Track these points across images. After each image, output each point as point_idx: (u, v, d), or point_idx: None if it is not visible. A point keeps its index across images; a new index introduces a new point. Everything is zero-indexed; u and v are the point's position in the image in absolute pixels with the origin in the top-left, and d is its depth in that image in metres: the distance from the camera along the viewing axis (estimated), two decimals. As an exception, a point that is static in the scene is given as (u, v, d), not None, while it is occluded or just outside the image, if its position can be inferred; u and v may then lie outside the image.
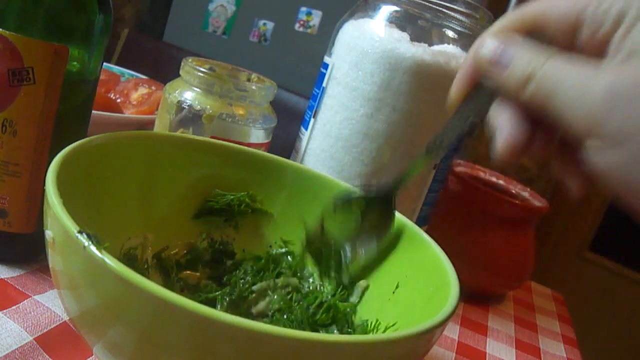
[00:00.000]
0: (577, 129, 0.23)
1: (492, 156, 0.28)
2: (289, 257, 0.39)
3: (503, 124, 0.27)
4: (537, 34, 0.27)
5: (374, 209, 0.35)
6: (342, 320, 0.34)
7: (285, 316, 0.35)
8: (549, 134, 0.28)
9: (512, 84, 0.25)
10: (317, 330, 0.34)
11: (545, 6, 0.26)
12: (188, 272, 0.37)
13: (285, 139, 0.61)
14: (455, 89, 0.30)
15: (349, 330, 0.34)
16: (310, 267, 0.38)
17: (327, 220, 0.36)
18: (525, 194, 0.61)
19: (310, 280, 0.38)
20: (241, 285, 0.36)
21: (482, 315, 0.54)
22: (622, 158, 0.22)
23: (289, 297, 0.36)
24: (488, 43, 0.27)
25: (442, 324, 0.24)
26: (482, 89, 0.28)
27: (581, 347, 0.54)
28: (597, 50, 0.24)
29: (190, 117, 0.45)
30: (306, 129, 0.49)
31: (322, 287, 0.37)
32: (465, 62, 0.29)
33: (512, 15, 0.28)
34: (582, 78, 0.23)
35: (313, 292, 0.37)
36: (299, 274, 0.38)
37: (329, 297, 0.36)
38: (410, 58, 0.43)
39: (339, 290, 0.36)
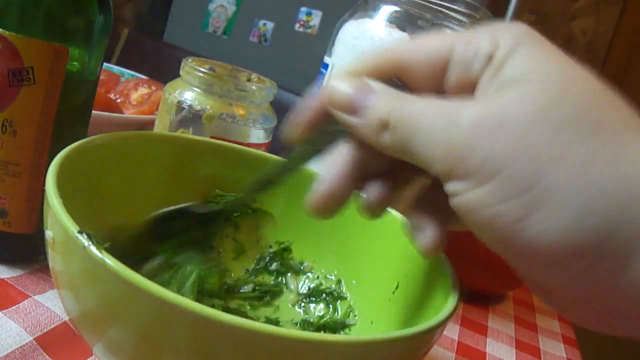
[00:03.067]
0: (438, 168, 0.21)
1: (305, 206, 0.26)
2: (289, 256, 0.39)
3: (327, 172, 0.25)
4: (395, 80, 0.25)
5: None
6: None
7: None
8: (395, 179, 0.26)
9: (369, 129, 0.23)
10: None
11: (405, 49, 0.24)
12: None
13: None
14: (297, 127, 0.27)
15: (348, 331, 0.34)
16: (309, 263, 0.38)
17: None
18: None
19: (310, 277, 0.38)
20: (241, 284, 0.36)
21: (482, 315, 0.54)
22: (488, 196, 0.19)
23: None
24: (342, 86, 0.24)
25: (442, 324, 0.24)
26: (327, 130, 0.26)
27: (581, 347, 0.54)
28: (464, 91, 0.23)
29: (191, 117, 0.45)
30: (306, 129, 0.49)
31: (323, 284, 0.37)
32: (311, 99, 0.26)
33: (371, 57, 0.25)
34: (445, 114, 0.21)
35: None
36: (299, 271, 0.38)
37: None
38: (410, 58, 0.43)
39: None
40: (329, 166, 0.25)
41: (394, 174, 0.27)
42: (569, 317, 0.22)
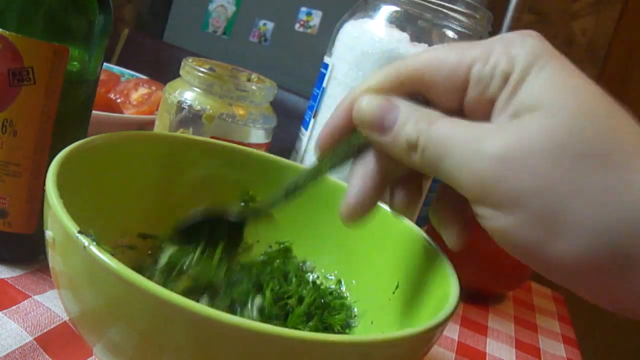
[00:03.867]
0: (468, 194, 0.23)
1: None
2: (290, 255, 0.39)
3: (354, 179, 0.27)
4: (418, 96, 0.26)
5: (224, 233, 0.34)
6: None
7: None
8: (414, 184, 0.28)
9: (398, 149, 0.25)
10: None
11: (426, 65, 0.25)
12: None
13: (285, 139, 0.60)
14: (324, 138, 0.28)
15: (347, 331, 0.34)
16: (311, 262, 0.38)
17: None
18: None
19: (311, 277, 0.38)
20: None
21: (482, 315, 0.54)
22: (515, 224, 0.21)
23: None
24: (369, 101, 0.26)
25: (442, 324, 0.24)
26: (352, 141, 0.27)
27: (581, 347, 0.54)
28: (484, 109, 0.24)
29: (191, 117, 0.45)
30: (306, 129, 0.49)
31: (323, 283, 0.37)
32: (338, 110, 0.28)
33: (389, 72, 0.26)
34: (470, 141, 0.22)
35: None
36: (299, 271, 0.38)
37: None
38: (410, 58, 0.43)
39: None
40: (357, 177, 0.27)
41: (416, 176, 0.29)
42: (592, 301, 0.24)
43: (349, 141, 0.28)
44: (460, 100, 0.24)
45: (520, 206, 0.21)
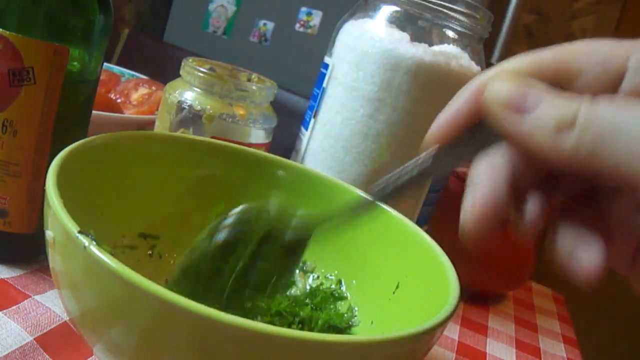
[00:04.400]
0: (636, 182, 0.18)
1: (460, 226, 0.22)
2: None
3: (482, 180, 0.22)
4: (557, 84, 0.22)
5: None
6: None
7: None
8: (553, 197, 0.23)
9: (540, 135, 0.20)
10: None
11: (575, 52, 0.22)
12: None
13: (285, 139, 0.61)
14: (439, 130, 0.24)
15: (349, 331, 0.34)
16: (311, 262, 0.38)
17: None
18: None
19: (311, 278, 0.38)
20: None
21: (482, 315, 0.54)
22: None
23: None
24: (502, 84, 0.21)
25: (442, 324, 0.24)
26: (476, 135, 0.23)
27: (581, 347, 0.54)
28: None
29: (191, 117, 0.45)
30: (306, 129, 0.49)
31: (323, 284, 0.37)
32: (462, 95, 0.23)
33: (526, 59, 0.23)
34: None
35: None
36: (304, 270, 0.38)
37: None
38: (411, 58, 0.43)
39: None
40: (480, 180, 0.22)
41: (546, 187, 0.23)
42: None
43: (473, 134, 0.23)
44: (613, 92, 0.21)
45: None
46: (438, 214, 0.53)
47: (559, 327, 0.57)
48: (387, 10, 0.46)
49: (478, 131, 0.23)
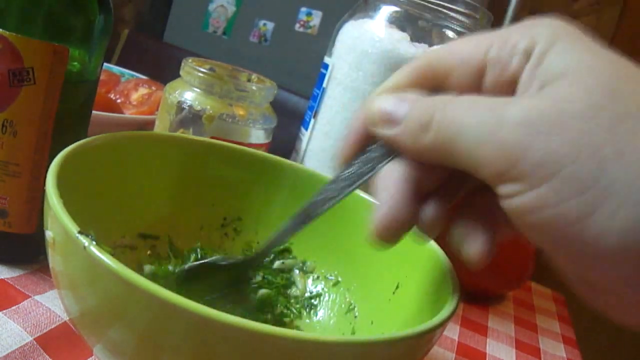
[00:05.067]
0: (489, 171, 0.20)
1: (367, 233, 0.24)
2: (288, 256, 0.39)
3: (383, 196, 0.24)
4: (434, 90, 0.24)
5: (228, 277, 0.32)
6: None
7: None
8: (447, 195, 0.25)
9: (408, 136, 0.23)
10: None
11: (439, 57, 0.24)
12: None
13: (285, 139, 0.61)
14: (343, 150, 0.26)
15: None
16: (311, 262, 0.38)
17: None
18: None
19: (311, 279, 0.38)
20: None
21: (482, 316, 0.54)
22: (547, 196, 0.19)
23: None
24: (380, 99, 0.24)
25: (442, 324, 0.24)
26: (372, 150, 0.25)
27: (581, 347, 0.54)
28: (505, 91, 0.22)
29: (191, 118, 0.45)
30: (306, 129, 0.49)
31: (323, 284, 0.37)
32: (355, 120, 0.26)
33: (405, 69, 0.25)
34: (490, 113, 0.20)
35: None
36: (304, 270, 0.38)
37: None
38: (411, 59, 0.43)
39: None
40: (383, 188, 0.24)
41: (446, 190, 0.25)
42: (616, 318, 0.21)
43: (368, 153, 0.26)
44: (479, 87, 0.23)
45: (553, 174, 0.18)
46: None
47: (559, 327, 0.57)
48: (387, 10, 0.46)
49: (375, 149, 0.25)
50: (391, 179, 0.24)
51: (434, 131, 0.22)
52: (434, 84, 0.24)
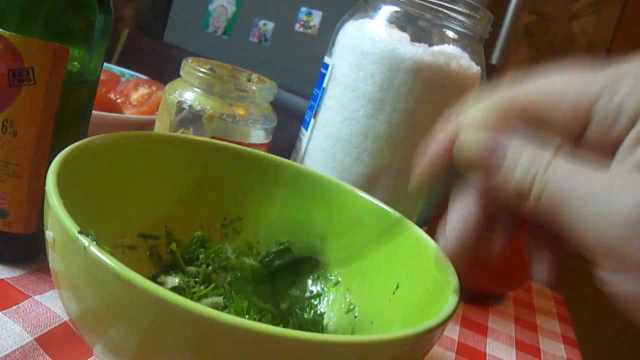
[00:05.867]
0: (591, 249, 0.20)
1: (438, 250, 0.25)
2: (288, 256, 0.39)
3: (455, 217, 0.24)
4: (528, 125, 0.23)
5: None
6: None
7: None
8: (514, 221, 0.25)
9: (507, 194, 0.22)
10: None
11: (543, 97, 0.23)
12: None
13: (286, 139, 0.61)
14: (422, 174, 0.26)
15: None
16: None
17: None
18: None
19: (311, 279, 0.38)
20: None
21: (482, 316, 0.54)
22: None
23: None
24: (473, 140, 0.23)
25: (442, 324, 0.24)
26: (448, 179, 0.26)
27: (581, 347, 0.54)
28: (605, 149, 0.21)
29: (191, 118, 0.45)
30: (306, 129, 0.49)
31: (324, 287, 0.37)
32: (437, 143, 0.25)
33: (497, 104, 0.24)
34: (597, 192, 0.20)
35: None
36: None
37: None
38: (411, 58, 0.43)
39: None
40: (457, 214, 0.25)
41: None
42: None
43: (447, 178, 0.25)
44: (579, 137, 0.22)
45: None
46: (438, 214, 0.53)
47: (559, 327, 0.57)
48: (387, 10, 0.46)
49: (454, 173, 0.25)
50: (466, 203, 0.25)
51: (534, 200, 0.21)
52: (528, 121, 0.23)
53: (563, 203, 0.20)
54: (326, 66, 0.48)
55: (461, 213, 0.25)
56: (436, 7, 0.45)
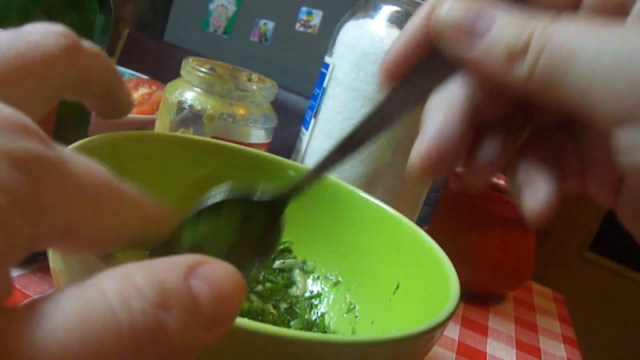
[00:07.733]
0: (608, 112, 0.16)
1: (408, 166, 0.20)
2: (288, 256, 0.39)
3: (435, 114, 0.20)
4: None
5: (256, 220, 0.28)
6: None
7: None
8: (509, 132, 0.21)
9: (495, 62, 0.18)
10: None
11: None
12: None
13: (286, 139, 0.61)
14: (392, 65, 0.21)
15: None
16: (311, 262, 0.38)
17: (189, 228, 0.27)
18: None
19: (311, 279, 0.38)
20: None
21: (482, 316, 0.54)
22: None
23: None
24: (452, 4, 0.19)
25: (442, 324, 0.24)
26: (431, 65, 0.21)
27: (581, 347, 0.54)
28: (609, 15, 0.18)
29: (191, 117, 0.45)
30: (307, 129, 0.49)
31: (323, 284, 0.37)
32: (411, 25, 0.21)
33: None
34: (615, 45, 0.16)
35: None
36: (304, 270, 0.38)
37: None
38: (411, 58, 0.43)
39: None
40: (437, 113, 0.20)
41: (508, 126, 0.21)
42: None
43: (429, 65, 0.21)
44: (575, 6, 0.19)
45: None
46: (438, 214, 0.53)
47: (559, 327, 0.57)
48: (387, 10, 0.46)
49: (434, 61, 0.20)
50: (446, 100, 0.20)
51: (532, 59, 0.17)
52: None
53: (569, 62, 0.17)
54: (326, 66, 0.48)
55: (442, 107, 0.20)
56: (436, 7, 0.45)
